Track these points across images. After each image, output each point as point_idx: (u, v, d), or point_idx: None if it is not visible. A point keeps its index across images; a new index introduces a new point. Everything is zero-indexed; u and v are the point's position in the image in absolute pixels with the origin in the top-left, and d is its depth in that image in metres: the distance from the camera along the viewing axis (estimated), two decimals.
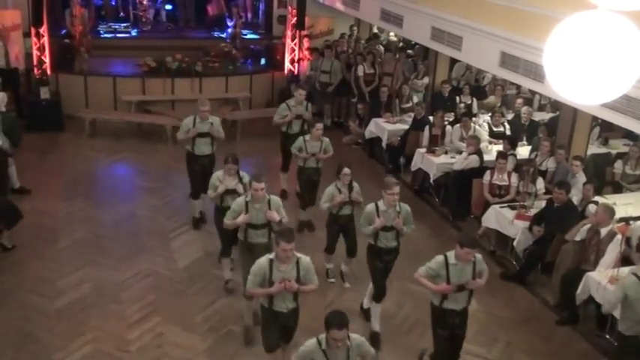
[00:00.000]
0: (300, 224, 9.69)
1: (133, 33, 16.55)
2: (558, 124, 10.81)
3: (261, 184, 6.83)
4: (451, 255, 6.05)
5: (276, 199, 7.16)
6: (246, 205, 6.94)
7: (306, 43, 15.32)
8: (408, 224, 7.20)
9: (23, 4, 14.18)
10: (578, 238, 7.85)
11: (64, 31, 15.11)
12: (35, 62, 13.40)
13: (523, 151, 10.82)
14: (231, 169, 7.78)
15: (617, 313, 6.53)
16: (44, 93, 13.37)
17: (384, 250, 7.18)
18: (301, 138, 9.43)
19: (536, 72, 7.85)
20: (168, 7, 17.78)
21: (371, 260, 7.30)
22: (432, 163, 10.70)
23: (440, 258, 6.09)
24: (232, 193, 7.75)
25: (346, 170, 7.89)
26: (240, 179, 7.85)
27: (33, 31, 13.24)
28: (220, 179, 7.83)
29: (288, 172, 10.83)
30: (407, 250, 9.48)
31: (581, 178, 9.13)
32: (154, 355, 6.96)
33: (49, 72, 13.60)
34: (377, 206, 7.06)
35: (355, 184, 8.10)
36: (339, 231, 8.25)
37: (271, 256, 5.87)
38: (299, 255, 5.92)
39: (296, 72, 15.25)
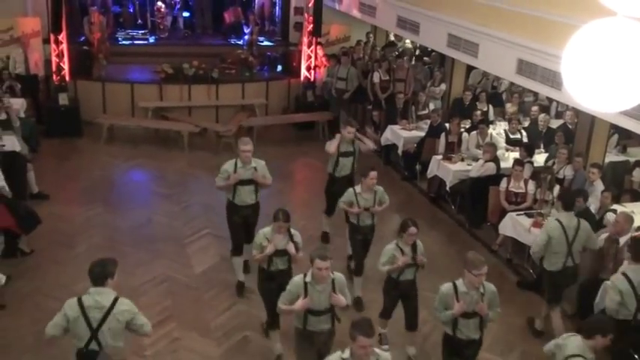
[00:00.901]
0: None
1: (151, 40, 16.68)
2: (576, 131, 10.74)
3: (327, 262, 5.66)
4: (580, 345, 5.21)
5: (340, 279, 5.94)
6: (305, 287, 5.79)
7: (320, 51, 15.35)
8: (493, 307, 5.96)
9: (43, 11, 14.35)
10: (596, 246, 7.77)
11: (82, 38, 15.25)
12: (54, 69, 13.55)
13: (540, 158, 10.76)
14: (282, 227, 6.67)
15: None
16: (63, 99, 13.51)
17: (464, 343, 5.95)
18: (351, 190, 7.97)
19: (553, 79, 7.80)
20: (186, 14, 17.92)
21: (448, 357, 6.15)
22: (448, 170, 10.66)
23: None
24: (282, 254, 6.76)
25: (412, 230, 6.66)
26: (291, 237, 6.80)
27: (52, 37, 13.39)
28: (268, 237, 6.74)
29: (332, 215, 9.50)
30: None
31: (599, 186, 9.05)
32: None
33: (67, 78, 13.75)
34: (455, 287, 5.83)
35: (419, 244, 6.90)
36: (399, 297, 7.06)
37: (345, 355, 4.90)
38: (378, 351, 5.04)
39: (312, 79, 15.28)
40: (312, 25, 14.95)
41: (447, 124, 11.55)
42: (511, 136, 11.45)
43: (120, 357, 5.25)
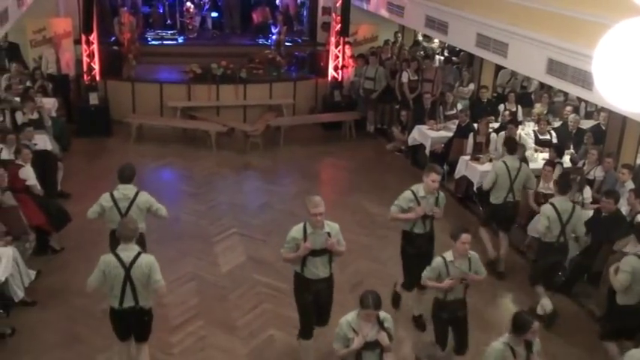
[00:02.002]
0: None
1: (180, 40, 16.82)
2: (607, 131, 10.59)
3: None
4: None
5: None
6: None
7: (348, 50, 15.34)
8: None
9: (74, 12, 14.58)
10: (626, 249, 7.66)
11: (112, 39, 15.46)
12: (85, 69, 13.73)
13: (567, 159, 10.64)
14: (372, 315, 5.47)
15: None
16: (93, 99, 13.69)
17: None
18: (440, 260, 6.30)
19: (584, 79, 7.70)
20: (214, 14, 18.04)
21: None
22: (476, 170, 10.57)
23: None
24: (373, 347, 5.54)
25: (535, 326, 5.29)
26: (381, 323, 5.56)
27: (83, 38, 13.57)
28: (354, 328, 5.49)
29: (414, 291, 7.67)
30: None
31: (630, 186, 8.89)
32: (196, 359, 7.05)
33: (98, 78, 13.92)
34: None
35: (537, 342, 5.51)
36: None
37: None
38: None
39: (339, 79, 15.28)
40: (340, 25, 14.94)
41: (475, 125, 11.46)
42: (540, 137, 11.33)
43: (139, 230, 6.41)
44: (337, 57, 15.17)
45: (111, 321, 6.13)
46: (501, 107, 12.58)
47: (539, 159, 10.43)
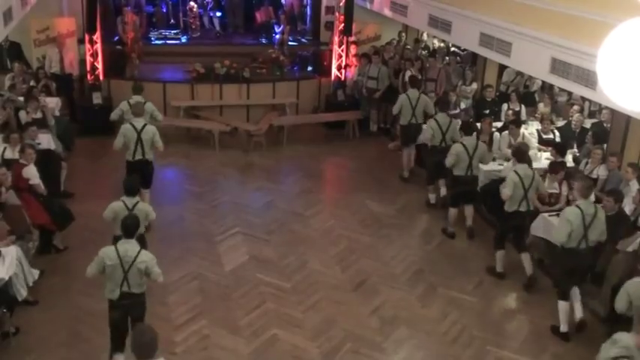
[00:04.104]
0: None
1: (183, 39, 16.84)
2: (610, 130, 10.57)
3: None
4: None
5: None
6: None
7: (353, 49, 15.33)
8: None
9: (78, 11, 14.57)
10: (630, 249, 7.65)
11: (116, 38, 15.47)
12: (88, 68, 13.74)
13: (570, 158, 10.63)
14: None
15: None
16: (96, 98, 13.69)
17: None
18: None
19: (588, 79, 7.69)
20: (218, 13, 18.05)
21: None
22: (479, 170, 10.54)
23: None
24: None
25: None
26: None
27: (87, 37, 13.58)
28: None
29: None
30: (450, 257, 9.43)
31: (635, 186, 8.86)
32: (199, 358, 7.05)
33: (101, 78, 13.94)
34: None
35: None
36: None
37: None
38: None
39: (342, 78, 15.27)
40: (343, 25, 14.93)
41: (478, 124, 11.43)
42: (544, 136, 11.30)
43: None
44: (340, 56, 15.17)
45: (126, 170, 9.20)
46: (504, 107, 12.57)
47: (542, 158, 10.41)
